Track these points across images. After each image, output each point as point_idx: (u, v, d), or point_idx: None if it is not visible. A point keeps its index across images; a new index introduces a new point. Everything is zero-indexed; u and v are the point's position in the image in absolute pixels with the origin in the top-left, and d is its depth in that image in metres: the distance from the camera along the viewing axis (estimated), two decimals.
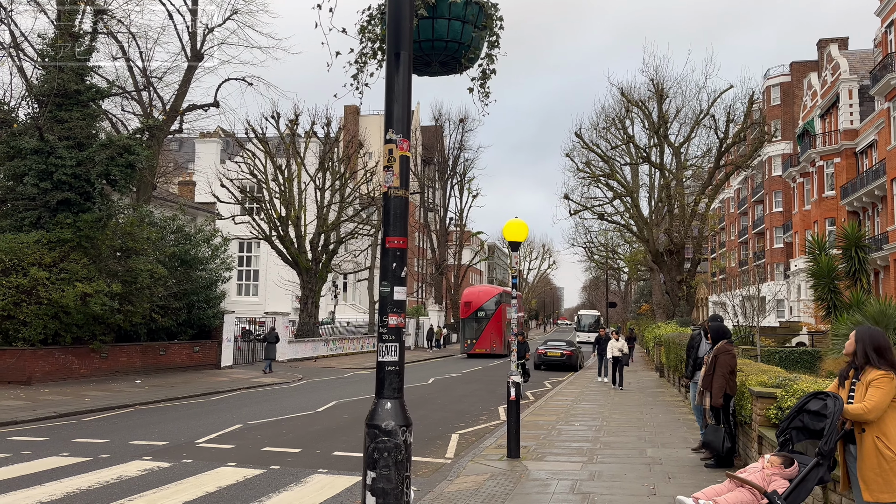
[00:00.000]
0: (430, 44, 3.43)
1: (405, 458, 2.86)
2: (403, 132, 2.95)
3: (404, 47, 2.94)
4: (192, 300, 24.61)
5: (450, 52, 3.48)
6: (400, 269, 2.97)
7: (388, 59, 2.97)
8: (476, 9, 3.48)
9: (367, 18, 3.65)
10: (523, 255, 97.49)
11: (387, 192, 2.98)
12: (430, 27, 3.38)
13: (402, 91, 2.95)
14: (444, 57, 3.50)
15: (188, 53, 26.29)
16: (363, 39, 3.66)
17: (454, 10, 3.37)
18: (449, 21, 3.38)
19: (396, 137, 2.92)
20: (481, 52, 3.66)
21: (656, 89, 32.97)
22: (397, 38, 2.95)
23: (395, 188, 2.94)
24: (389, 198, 2.97)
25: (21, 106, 21.76)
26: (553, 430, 12.18)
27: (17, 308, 18.30)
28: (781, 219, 56.00)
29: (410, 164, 12.38)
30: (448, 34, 3.41)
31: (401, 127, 2.93)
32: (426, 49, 3.44)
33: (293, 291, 41.73)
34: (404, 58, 2.94)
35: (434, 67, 3.55)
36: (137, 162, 20.53)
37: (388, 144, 2.93)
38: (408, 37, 2.95)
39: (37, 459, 9.39)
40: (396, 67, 2.94)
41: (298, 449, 10.43)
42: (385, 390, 2.94)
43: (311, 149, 36.76)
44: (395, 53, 2.95)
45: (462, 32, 3.44)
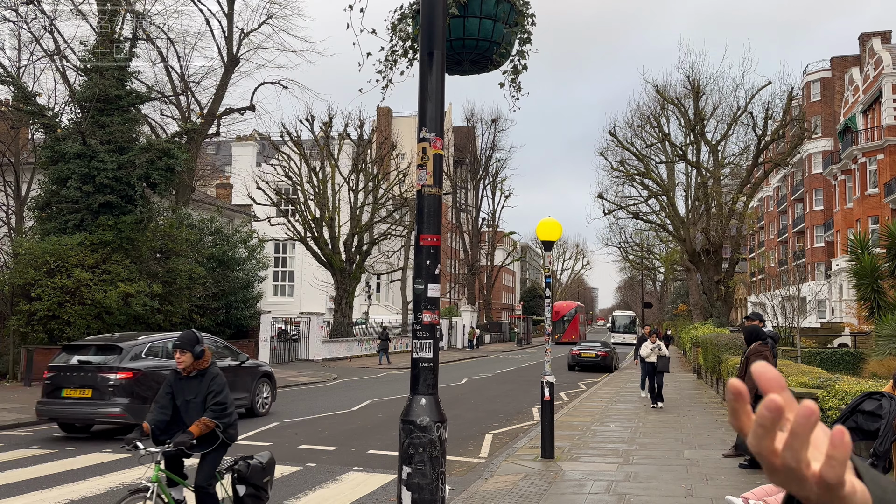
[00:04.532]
0: (462, 42, 3.42)
1: (440, 454, 2.88)
2: (437, 131, 2.97)
3: (437, 46, 2.96)
4: (230, 300, 25.02)
5: (481, 51, 3.48)
6: (434, 267, 3.00)
7: (421, 58, 3.00)
8: (507, 6, 3.46)
9: (399, 17, 3.68)
10: (557, 256, 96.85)
11: (420, 190, 3.01)
12: (461, 26, 3.37)
13: (436, 90, 2.98)
14: (476, 55, 3.50)
15: (224, 58, 26.73)
16: (394, 37, 3.68)
17: (486, 8, 3.36)
18: (480, 20, 3.37)
19: (430, 136, 2.95)
20: (512, 50, 3.66)
21: (692, 86, 32.50)
22: (430, 37, 2.97)
23: (428, 186, 2.97)
24: (423, 196, 3.00)
25: (64, 111, 22.37)
26: (588, 431, 12.11)
27: (61, 308, 18.82)
28: (822, 217, 54.71)
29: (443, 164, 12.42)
30: (479, 32, 3.40)
31: (434, 126, 2.96)
32: (457, 48, 3.43)
33: (328, 292, 42.14)
34: (437, 57, 2.96)
35: (465, 66, 3.55)
36: (176, 165, 20.96)
37: (421, 143, 2.96)
38: (441, 36, 2.97)
39: (80, 455, 9.65)
40: (430, 66, 2.97)
41: (334, 447, 10.53)
42: (420, 386, 2.97)
43: (344, 150, 37.06)
44: (428, 53, 2.98)
45: (493, 30, 3.43)
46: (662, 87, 34.15)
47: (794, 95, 33.26)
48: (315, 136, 34.54)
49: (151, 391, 10.73)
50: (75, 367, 11.29)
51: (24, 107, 20.74)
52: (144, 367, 11.24)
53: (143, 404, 10.63)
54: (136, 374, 11.07)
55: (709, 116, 33.62)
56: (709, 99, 34.34)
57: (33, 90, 21.30)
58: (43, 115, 20.81)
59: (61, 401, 11.04)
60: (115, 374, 10.93)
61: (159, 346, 11.90)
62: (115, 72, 20.76)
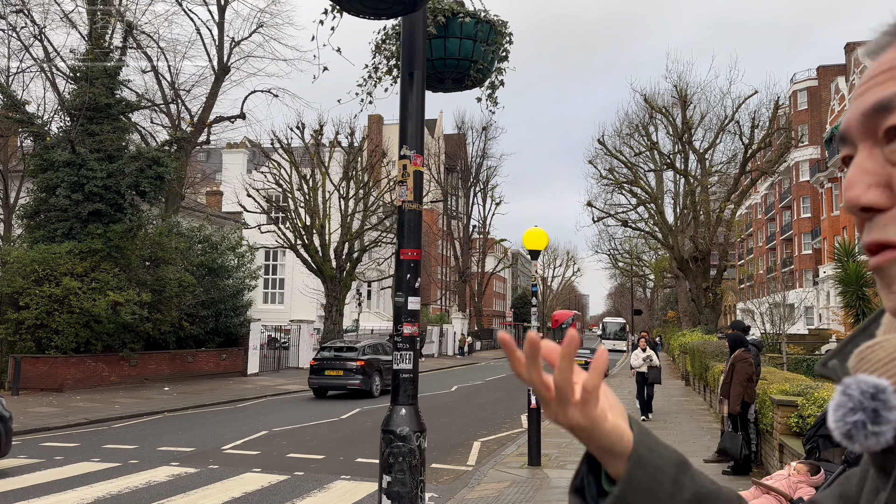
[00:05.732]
0: (443, 62, 3.54)
1: (419, 463, 2.96)
2: (417, 148, 3.06)
3: (418, 67, 3.06)
4: (220, 308, 24.99)
5: (462, 70, 3.60)
6: (414, 280, 3.08)
7: (402, 78, 3.09)
8: (487, 27, 3.59)
9: (383, 37, 3.79)
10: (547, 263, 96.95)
11: (401, 205, 3.10)
12: (442, 46, 3.50)
13: (416, 109, 3.07)
14: (457, 74, 3.61)
15: (215, 66, 26.79)
16: (378, 55, 3.80)
17: (465, 29, 3.49)
18: (461, 40, 3.49)
19: (410, 153, 3.04)
20: (492, 68, 3.78)
21: (680, 95, 32.81)
22: (411, 58, 3.07)
23: (409, 202, 3.06)
24: (404, 211, 3.09)
25: (53, 120, 22.36)
26: (576, 439, 12.18)
27: (49, 317, 18.76)
28: (810, 224, 55.18)
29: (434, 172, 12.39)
30: (460, 52, 3.52)
31: (414, 143, 3.05)
32: (439, 67, 3.55)
33: (318, 299, 42.09)
34: (418, 77, 3.06)
35: (447, 84, 3.67)
36: (166, 173, 20.97)
37: (402, 160, 3.05)
38: (421, 57, 3.07)
39: (69, 465, 9.65)
40: (410, 86, 3.07)
41: (322, 455, 10.57)
42: (400, 397, 3.05)
43: (335, 158, 37.09)
44: (409, 73, 3.08)
45: (473, 50, 3.55)
46: (651, 95, 34.47)
47: (780, 104, 33.60)
48: (305, 144, 34.56)
49: (373, 371, 19.63)
50: (332, 357, 19.63)
51: (13, 115, 20.71)
52: (367, 358, 19.67)
53: (370, 378, 19.46)
54: (365, 362, 19.43)
55: (696, 125, 33.94)
56: (696, 108, 34.68)
57: (22, 98, 21.27)
58: (32, 123, 20.79)
59: (324, 377, 19.43)
60: (355, 363, 19.32)
61: (372, 346, 20.61)
62: (104, 80, 20.77)
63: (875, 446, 0.57)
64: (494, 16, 3.68)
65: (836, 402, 0.59)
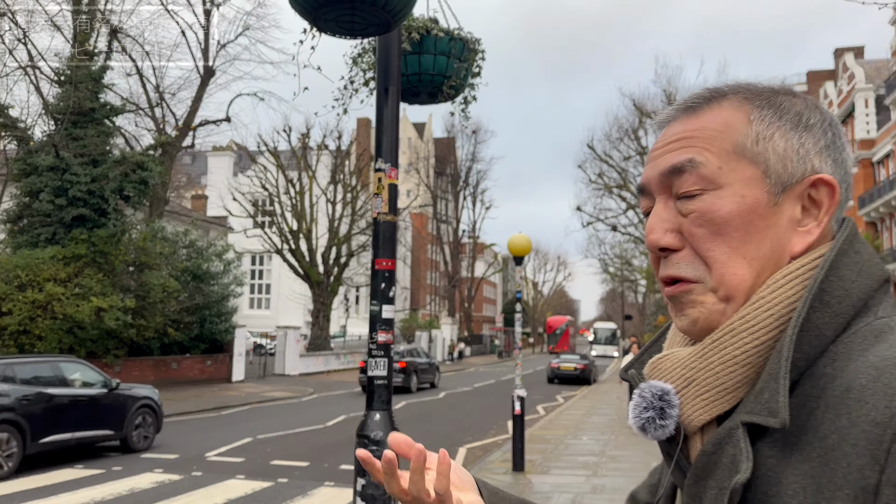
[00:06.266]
0: (418, 77, 3.64)
1: None
2: (392, 161, 3.11)
3: (393, 83, 3.13)
4: (205, 314, 24.87)
5: (436, 84, 3.70)
6: (388, 290, 3.13)
7: (377, 93, 3.15)
8: (460, 44, 3.71)
9: (360, 51, 3.88)
10: (537, 267, 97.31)
11: (376, 217, 3.14)
12: (417, 62, 3.60)
13: (391, 123, 3.13)
14: (431, 88, 3.70)
15: (201, 70, 26.73)
16: (354, 69, 3.89)
17: (440, 45, 3.59)
18: (435, 56, 3.59)
19: (385, 167, 3.09)
20: (465, 83, 3.87)
21: (668, 100, 33.14)
22: (386, 74, 3.13)
23: (384, 213, 3.11)
24: (379, 223, 3.13)
25: (37, 124, 22.20)
26: (560, 444, 12.25)
27: (32, 323, 18.62)
28: None
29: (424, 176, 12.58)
30: (434, 68, 3.62)
31: (389, 156, 3.10)
32: (414, 81, 3.65)
33: (305, 305, 42.00)
34: (392, 92, 3.12)
35: (422, 97, 3.76)
36: (150, 178, 20.87)
37: (377, 173, 3.10)
38: (396, 73, 3.14)
39: (52, 471, 9.59)
40: (385, 101, 3.12)
41: (307, 462, 10.57)
42: (375, 402, 3.11)
43: (322, 162, 37.07)
44: (384, 88, 3.14)
45: (447, 66, 3.65)
46: (640, 100, 34.79)
47: None
48: (292, 147, 34.55)
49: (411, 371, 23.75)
50: None
51: None
52: (407, 360, 23.71)
53: (409, 377, 23.52)
54: (406, 364, 23.45)
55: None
56: None
57: (6, 102, 21.12)
58: (15, 127, 20.65)
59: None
60: (397, 364, 21.75)
61: (409, 351, 25.30)
62: (89, 84, 20.67)
63: (662, 436, 0.75)
64: (468, 33, 3.81)
65: (634, 402, 0.76)
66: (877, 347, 0.66)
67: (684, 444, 0.75)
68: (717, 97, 0.79)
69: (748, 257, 0.73)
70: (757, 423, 0.68)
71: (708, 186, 0.74)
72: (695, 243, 0.75)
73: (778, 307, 0.72)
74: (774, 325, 0.71)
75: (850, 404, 0.63)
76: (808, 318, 0.69)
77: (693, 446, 0.75)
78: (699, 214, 0.74)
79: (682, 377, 0.75)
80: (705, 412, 0.73)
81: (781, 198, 0.75)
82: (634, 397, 0.77)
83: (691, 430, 0.75)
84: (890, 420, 0.60)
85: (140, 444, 11.60)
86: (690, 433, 0.75)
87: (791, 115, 0.77)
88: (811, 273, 0.73)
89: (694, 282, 0.75)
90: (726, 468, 0.69)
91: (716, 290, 0.74)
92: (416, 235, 64.47)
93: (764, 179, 0.74)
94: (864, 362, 0.65)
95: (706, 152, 0.75)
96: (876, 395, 0.62)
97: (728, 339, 0.73)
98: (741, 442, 0.68)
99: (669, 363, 0.77)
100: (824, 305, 0.70)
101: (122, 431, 11.30)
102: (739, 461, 0.67)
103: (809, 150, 0.76)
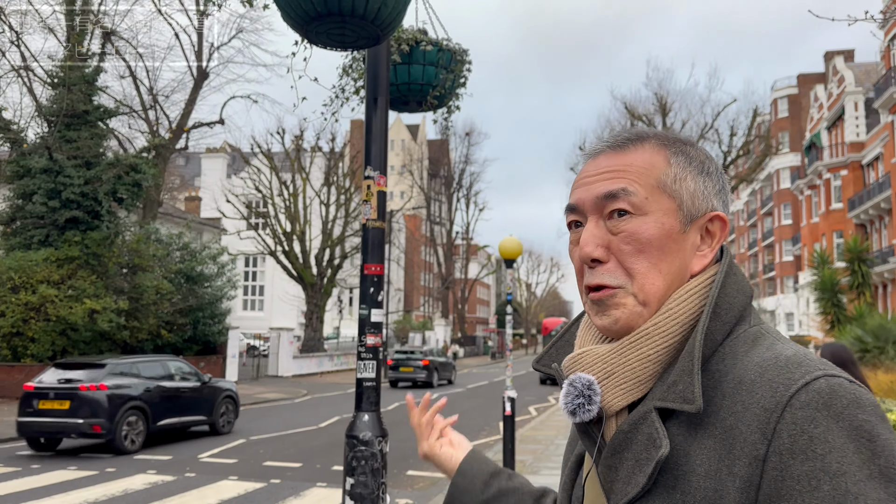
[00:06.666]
0: (407, 86, 3.76)
1: (381, 466, 3.10)
2: (381, 169, 3.21)
3: (381, 93, 3.22)
4: (198, 316, 24.88)
5: (424, 94, 3.80)
6: (377, 294, 3.22)
7: (367, 103, 3.25)
8: (448, 55, 3.83)
9: (350, 61, 3.98)
10: (531, 269, 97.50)
11: (365, 223, 3.23)
12: (406, 71, 3.72)
13: (380, 132, 3.22)
14: (420, 97, 3.81)
15: (194, 72, 26.76)
16: (345, 77, 3.99)
17: (428, 56, 3.71)
18: (424, 66, 3.71)
19: (374, 174, 3.18)
20: (452, 93, 3.98)
21: (660, 103, 33.33)
22: (375, 84, 3.23)
23: (372, 220, 3.20)
24: (368, 229, 3.22)
25: (30, 126, 22.21)
26: (551, 445, 12.35)
27: (25, 325, 18.63)
28: (790, 231, 55.84)
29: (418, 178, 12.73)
30: (423, 78, 3.74)
31: (378, 164, 3.19)
32: (403, 91, 3.76)
33: (298, 306, 42.00)
34: (381, 103, 3.22)
35: (412, 105, 3.88)
36: (144, 180, 20.90)
37: (366, 180, 3.19)
38: (385, 84, 3.24)
39: (45, 473, 9.64)
40: (375, 111, 3.22)
41: (299, 463, 10.64)
42: (363, 404, 3.20)
43: (316, 164, 37.09)
44: (373, 98, 3.23)
45: (435, 76, 3.76)
46: (632, 103, 34.95)
47: (759, 113, 34.18)
48: (286, 149, 34.58)
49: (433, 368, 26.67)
50: (405, 358, 26.61)
51: None
52: (430, 359, 26.76)
53: (431, 373, 26.40)
54: (429, 362, 26.60)
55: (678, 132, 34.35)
56: (677, 115, 35.18)
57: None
58: (8, 129, 20.66)
59: (399, 372, 26.35)
60: (420, 362, 26.36)
61: (431, 351, 28.24)
62: (82, 86, 20.70)
63: (588, 419, 0.91)
64: (456, 44, 3.92)
65: (566, 391, 0.92)
66: (756, 350, 0.86)
67: (599, 424, 0.92)
68: (640, 139, 0.97)
69: (663, 272, 0.91)
70: (673, 408, 0.84)
71: (636, 212, 0.91)
72: (621, 257, 0.91)
73: (682, 317, 0.90)
74: (679, 331, 0.89)
75: (742, 394, 0.82)
76: (707, 327, 0.87)
77: (608, 427, 0.92)
78: (627, 234, 0.91)
79: (603, 370, 0.91)
80: (622, 399, 0.90)
81: (689, 227, 0.93)
82: (565, 387, 0.93)
83: (610, 413, 0.91)
84: (775, 406, 0.78)
85: (224, 428, 13.82)
86: (608, 416, 0.92)
87: (697, 162, 0.96)
88: (706, 290, 0.92)
89: (616, 287, 0.91)
90: (642, 444, 0.85)
91: (636, 296, 0.91)
92: (410, 237, 64.55)
93: (678, 211, 0.93)
94: (750, 362, 0.84)
95: (636, 184, 0.92)
96: (763, 387, 0.80)
97: (643, 341, 0.90)
98: (656, 423, 0.85)
99: (590, 358, 0.93)
100: (717, 316, 0.88)
101: (212, 417, 13.55)
102: (657, 438, 0.84)
103: (710, 192, 0.96)
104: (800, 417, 0.76)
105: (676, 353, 0.89)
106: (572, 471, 1.04)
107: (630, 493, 0.85)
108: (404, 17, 2.85)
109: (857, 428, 0.76)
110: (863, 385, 0.80)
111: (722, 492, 0.79)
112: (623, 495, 0.87)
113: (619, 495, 0.87)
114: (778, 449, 0.76)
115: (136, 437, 11.63)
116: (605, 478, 0.90)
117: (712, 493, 0.80)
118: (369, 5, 2.62)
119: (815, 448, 0.75)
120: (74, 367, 11.98)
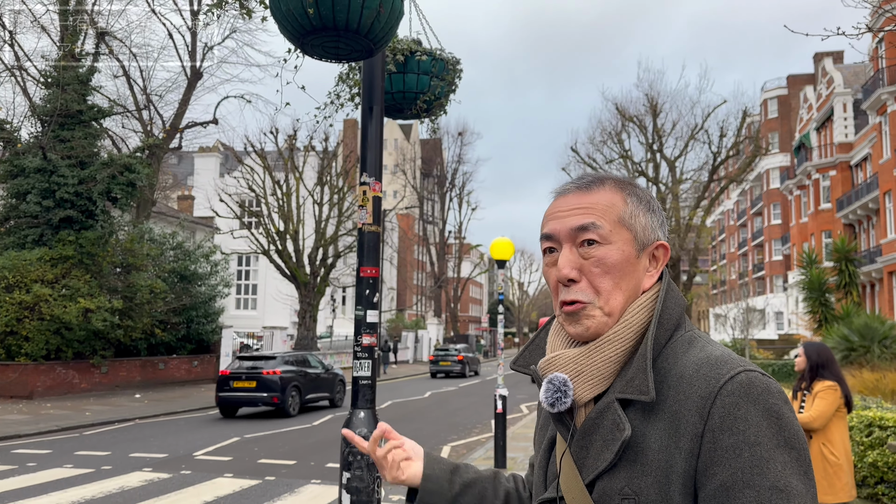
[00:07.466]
0: (402, 94, 3.90)
1: None
2: (376, 175, 3.34)
3: (377, 102, 3.36)
4: (191, 315, 24.95)
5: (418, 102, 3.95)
6: (372, 296, 3.36)
7: (363, 112, 3.38)
8: (441, 64, 3.98)
9: (347, 70, 4.12)
10: (523, 268, 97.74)
11: (361, 227, 3.37)
12: (401, 80, 3.86)
13: (375, 140, 3.36)
14: (414, 105, 3.95)
15: (188, 72, 26.80)
16: (341, 84, 4.14)
17: (422, 66, 3.85)
18: (418, 76, 3.85)
19: (370, 180, 3.32)
20: (443, 100, 4.14)
21: (650, 104, 33.50)
22: (371, 93, 3.37)
23: (368, 224, 3.33)
24: (363, 233, 3.36)
25: (24, 125, 22.23)
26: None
27: (19, 324, 18.66)
28: (780, 231, 56.25)
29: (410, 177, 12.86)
30: (417, 86, 3.88)
31: (373, 170, 3.33)
32: (398, 99, 3.91)
33: (291, 305, 42.06)
34: (376, 111, 3.35)
35: (406, 113, 4.01)
36: (138, 180, 20.95)
37: (362, 186, 3.32)
38: (380, 93, 3.37)
39: (42, 471, 9.73)
40: (370, 119, 3.35)
41: (293, 461, 10.76)
42: (359, 401, 3.33)
43: (309, 163, 37.16)
44: (369, 107, 3.37)
45: (430, 85, 3.90)
46: (623, 104, 35.10)
47: (748, 114, 34.40)
48: (279, 149, 34.60)
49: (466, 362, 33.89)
50: (443, 354, 34.10)
51: None
52: (463, 355, 33.59)
53: (465, 367, 33.67)
54: (463, 358, 33.59)
55: (668, 133, 34.57)
56: (668, 116, 35.34)
57: None
58: (2, 129, 20.67)
59: (439, 366, 33.43)
60: (456, 357, 33.49)
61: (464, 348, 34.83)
62: (76, 86, 20.72)
63: (563, 409, 1.12)
64: (449, 54, 4.07)
65: (546, 387, 1.13)
66: (692, 351, 1.10)
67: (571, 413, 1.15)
68: (601, 181, 1.20)
69: (623, 289, 1.15)
70: (631, 398, 1.06)
71: (602, 241, 1.14)
72: (591, 278, 1.14)
73: (635, 326, 1.14)
74: (633, 337, 1.13)
75: (684, 386, 1.05)
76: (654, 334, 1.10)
77: (579, 415, 1.14)
78: (596, 260, 1.14)
79: (574, 370, 1.14)
80: (590, 392, 1.12)
81: (641, 254, 1.17)
82: (545, 384, 1.14)
83: (580, 404, 1.13)
84: (709, 395, 1.01)
85: (339, 403, 18.98)
86: (578, 406, 1.14)
87: (645, 202, 1.20)
88: (653, 304, 1.15)
89: (587, 303, 1.14)
90: (608, 428, 1.08)
91: (602, 308, 1.14)
92: (403, 236, 64.65)
93: (634, 241, 1.16)
94: (688, 360, 1.08)
95: (602, 219, 1.15)
96: (699, 380, 1.04)
97: (606, 346, 1.13)
98: (619, 411, 1.07)
99: (563, 360, 1.16)
100: (661, 325, 1.12)
101: (332, 394, 18.73)
102: (620, 423, 1.06)
103: (655, 225, 1.20)
104: (727, 402, 0.99)
105: (631, 355, 1.12)
106: (546, 451, 1.25)
107: (600, 467, 1.07)
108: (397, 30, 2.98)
109: (768, 409, 0.99)
110: (772, 377, 1.04)
111: (671, 462, 1.01)
112: (594, 469, 1.08)
113: (590, 469, 1.09)
114: (711, 427, 0.99)
115: (295, 406, 16.53)
116: (578, 456, 1.11)
117: (664, 463, 1.02)
118: (363, 20, 2.75)
119: (738, 425, 0.98)
120: (253, 359, 16.86)
